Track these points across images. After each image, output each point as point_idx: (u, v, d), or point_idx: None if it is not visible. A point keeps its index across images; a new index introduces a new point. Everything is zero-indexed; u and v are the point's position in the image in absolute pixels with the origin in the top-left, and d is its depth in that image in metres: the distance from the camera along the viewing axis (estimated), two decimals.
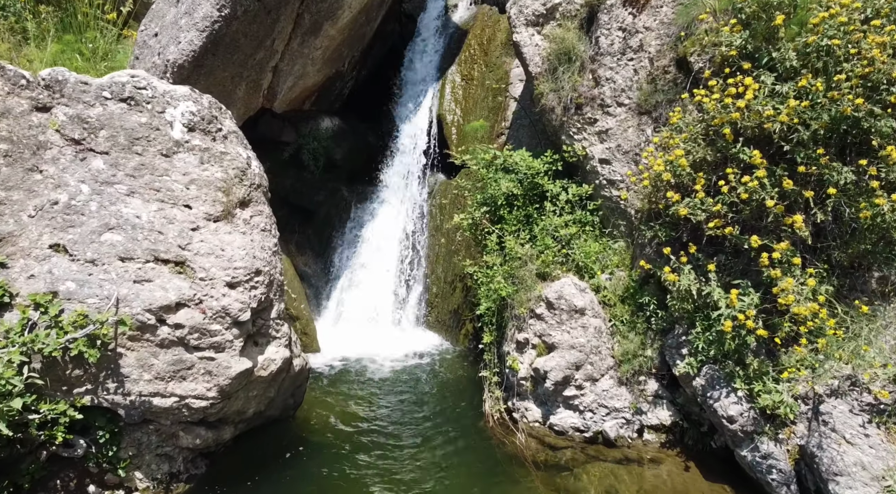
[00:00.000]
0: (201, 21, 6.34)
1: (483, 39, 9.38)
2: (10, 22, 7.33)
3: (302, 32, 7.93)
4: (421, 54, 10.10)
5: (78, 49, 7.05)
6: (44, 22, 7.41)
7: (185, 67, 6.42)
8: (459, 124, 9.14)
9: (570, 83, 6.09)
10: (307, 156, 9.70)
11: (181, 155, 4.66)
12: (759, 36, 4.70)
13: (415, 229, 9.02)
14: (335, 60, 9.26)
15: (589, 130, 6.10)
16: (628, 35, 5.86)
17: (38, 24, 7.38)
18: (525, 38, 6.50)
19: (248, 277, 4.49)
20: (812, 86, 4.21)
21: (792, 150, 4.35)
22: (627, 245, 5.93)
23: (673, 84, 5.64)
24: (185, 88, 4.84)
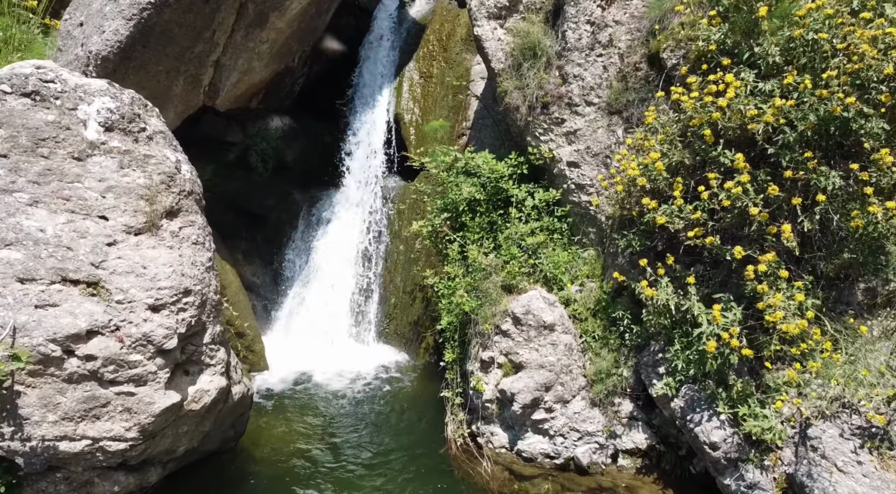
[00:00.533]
0: (128, 8, 5.69)
1: (442, 35, 8.91)
2: None
3: (246, 24, 7.32)
4: (377, 50, 9.57)
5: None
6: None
7: (110, 60, 5.76)
8: (418, 124, 8.66)
9: (536, 80, 5.67)
10: (255, 158, 9.06)
11: (97, 158, 4.05)
12: (739, 30, 4.37)
13: (371, 236, 8.50)
14: (284, 55, 8.65)
15: (556, 130, 5.70)
16: (597, 29, 5.48)
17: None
18: (487, 32, 6.06)
19: (174, 298, 3.91)
20: (799, 83, 3.88)
21: (777, 153, 4.02)
22: (598, 254, 5.56)
23: (645, 82, 5.29)
24: (102, 82, 4.23)
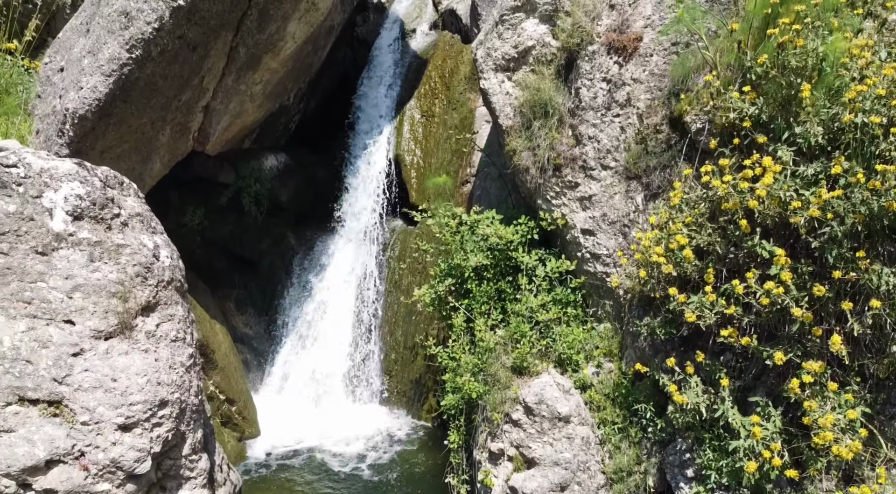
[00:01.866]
0: (107, 64, 5.27)
1: (444, 71, 8.51)
2: None
3: (237, 68, 6.91)
4: (377, 85, 9.17)
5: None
6: None
7: (87, 119, 5.34)
8: (419, 167, 8.24)
9: (547, 141, 5.26)
10: (248, 200, 8.64)
11: (63, 252, 3.63)
12: (776, 102, 3.95)
13: (370, 285, 8.07)
14: (279, 94, 8.25)
15: (569, 194, 5.28)
16: (614, 87, 5.07)
17: None
18: (494, 85, 5.65)
19: (148, 413, 3.48)
20: (848, 174, 3.47)
21: (821, 247, 3.60)
22: (615, 330, 5.13)
23: (666, 146, 4.87)
24: (71, 165, 3.80)
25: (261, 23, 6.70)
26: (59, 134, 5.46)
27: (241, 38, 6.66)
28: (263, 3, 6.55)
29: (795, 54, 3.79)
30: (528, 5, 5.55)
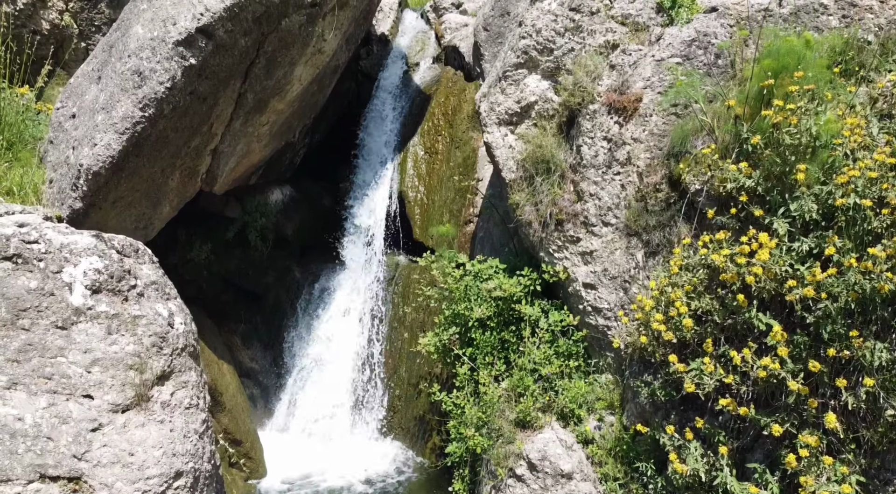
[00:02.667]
0: (121, 122, 5.40)
1: (448, 109, 8.65)
2: None
3: (245, 112, 7.05)
4: (381, 120, 9.31)
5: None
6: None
7: (101, 175, 5.47)
8: (423, 203, 8.37)
9: (550, 196, 5.39)
10: (254, 235, 8.76)
11: (82, 326, 3.75)
12: (772, 177, 4.08)
13: (374, 321, 8.19)
14: (284, 133, 8.39)
15: (571, 248, 5.40)
16: (614, 146, 5.20)
17: None
18: (497, 138, 5.78)
19: (164, 486, 3.60)
20: (842, 254, 3.59)
21: (816, 322, 3.72)
22: (617, 382, 5.24)
23: (665, 204, 5.00)
24: (89, 238, 3.93)
25: (268, 69, 6.84)
26: (73, 188, 5.59)
27: (249, 84, 6.80)
28: (271, 51, 6.69)
29: (789, 132, 3.92)
30: (531, 62, 5.68)
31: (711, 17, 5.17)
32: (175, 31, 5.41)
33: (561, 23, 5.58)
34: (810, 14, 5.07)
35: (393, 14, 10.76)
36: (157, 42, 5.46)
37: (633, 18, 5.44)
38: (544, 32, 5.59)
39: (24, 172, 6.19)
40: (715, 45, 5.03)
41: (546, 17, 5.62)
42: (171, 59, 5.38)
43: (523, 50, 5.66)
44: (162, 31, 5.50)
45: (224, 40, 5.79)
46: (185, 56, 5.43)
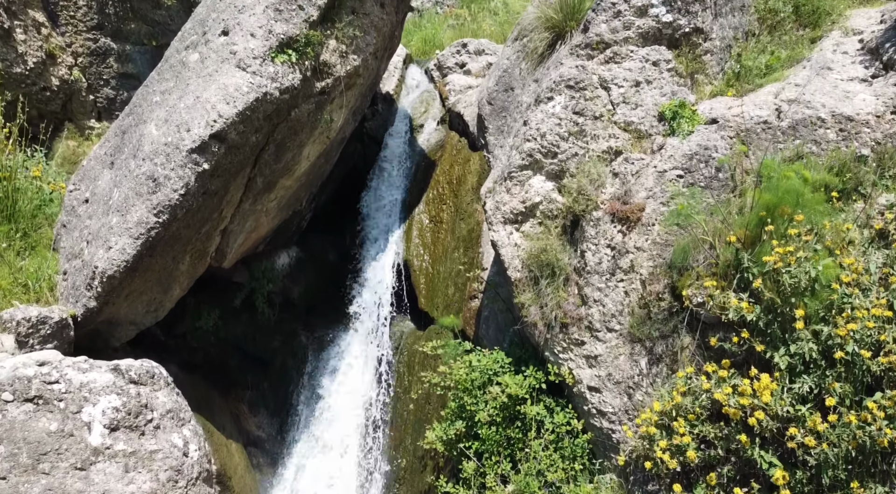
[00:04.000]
0: (135, 227, 5.53)
1: (452, 177, 8.78)
2: None
3: (254, 194, 7.18)
4: (387, 185, 9.45)
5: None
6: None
7: (115, 278, 5.59)
8: (428, 273, 8.48)
9: (555, 300, 5.50)
10: (261, 301, 8.88)
11: (101, 466, 3.86)
12: (773, 311, 4.18)
13: (380, 390, 8.28)
14: (292, 203, 8.52)
15: (576, 350, 5.51)
16: (618, 254, 5.31)
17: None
18: (503, 237, 5.90)
19: None
20: (841, 404, 3.69)
21: (817, 466, 3.81)
22: (620, 485, 5.33)
23: (668, 314, 5.10)
24: (108, 374, 4.05)
25: (278, 155, 6.98)
26: (88, 287, 5.70)
27: (259, 169, 6.93)
28: (280, 138, 6.83)
29: (790, 273, 4.03)
30: (536, 165, 5.81)
31: (712, 129, 5.29)
32: (189, 139, 5.55)
33: (565, 126, 5.71)
34: (808, 128, 5.19)
35: (398, 72, 10.92)
36: (171, 148, 5.59)
37: (635, 126, 5.57)
38: (549, 137, 5.72)
39: (40, 264, 6.31)
40: (715, 159, 5.15)
41: (550, 121, 5.75)
42: (185, 166, 5.51)
43: (528, 153, 5.79)
44: (176, 137, 5.63)
45: (236, 141, 5.93)
46: (198, 162, 5.57)
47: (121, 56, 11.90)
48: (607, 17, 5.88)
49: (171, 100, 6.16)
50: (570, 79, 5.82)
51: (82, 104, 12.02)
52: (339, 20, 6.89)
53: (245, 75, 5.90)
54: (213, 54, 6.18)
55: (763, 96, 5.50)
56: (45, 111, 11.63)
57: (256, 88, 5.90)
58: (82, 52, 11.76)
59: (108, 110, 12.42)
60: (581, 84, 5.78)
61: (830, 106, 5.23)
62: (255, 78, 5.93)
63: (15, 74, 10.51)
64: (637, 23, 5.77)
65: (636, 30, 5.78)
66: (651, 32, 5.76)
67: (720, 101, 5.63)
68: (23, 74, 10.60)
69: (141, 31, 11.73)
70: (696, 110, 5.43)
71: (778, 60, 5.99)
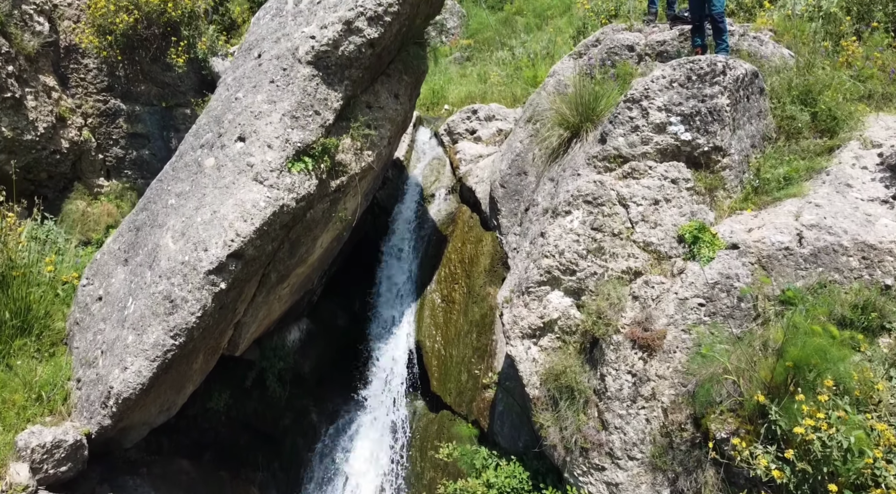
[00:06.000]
0: (151, 349, 5.50)
1: (464, 256, 8.76)
2: None
3: (268, 288, 7.15)
4: (398, 260, 9.43)
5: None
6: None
7: (131, 399, 5.55)
8: (441, 356, 8.44)
9: (575, 424, 5.45)
10: (272, 379, 8.83)
11: None
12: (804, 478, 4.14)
13: (392, 476, 8.21)
14: (304, 285, 8.50)
15: (596, 476, 5.45)
16: (639, 382, 5.27)
17: None
18: (521, 352, 5.86)
19: None
20: None
21: None
22: None
23: (691, 444, 5.06)
24: None
25: (292, 251, 6.96)
26: (103, 406, 5.67)
27: (273, 266, 6.91)
28: (295, 237, 6.81)
29: (822, 439, 3.98)
30: (554, 281, 5.78)
31: (733, 255, 5.26)
32: (206, 260, 5.52)
33: (583, 243, 5.69)
34: (830, 255, 5.17)
35: (408, 138, 10.92)
36: (188, 268, 5.57)
37: (654, 247, 5.54)
38: (567, 254, 5.69)
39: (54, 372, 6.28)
40: (737, 289, 5.12)
41: (569, 238, 5.73)
42: (203, 288, 5.49)
43: (546, 269, 5.77)
44: (193, 256, 5.61)
45: (253, 255, 5.91)
46: (215, 283, 5.54)
47: (130, 116, 11.93)
48: (625, 131, 5.87)
49: (188, 208, 6.15)
50: (588, 194, 5.80)
51: (91, 163, 12.03)
52: (353, 119, 6.90)
53: (262, 189, 5.89)
54: (229, 163, 6.18)
55: (783, 217, 5.47)
56: (55, 172, 11.65)
57: (273, 202, 5.89)
58: (92, 112, 11.79)
59: (117, 169, 12.45)
60: (599, 200, 5.77)
61: (852, 232, 5.21)
62: (272, 191, 5.92)
63: (26, 141, 10.53)
64: (655, 139, 5.76)
65: (654, 146, 5.77)
66: (669, 149, 5.75)
67: (740, 219, 5.60)
68: (33, 141, 10.61)
69: (151, 92, 11.75)
70: (717, 234, 5.40)
71: (796, 172, 5.97)
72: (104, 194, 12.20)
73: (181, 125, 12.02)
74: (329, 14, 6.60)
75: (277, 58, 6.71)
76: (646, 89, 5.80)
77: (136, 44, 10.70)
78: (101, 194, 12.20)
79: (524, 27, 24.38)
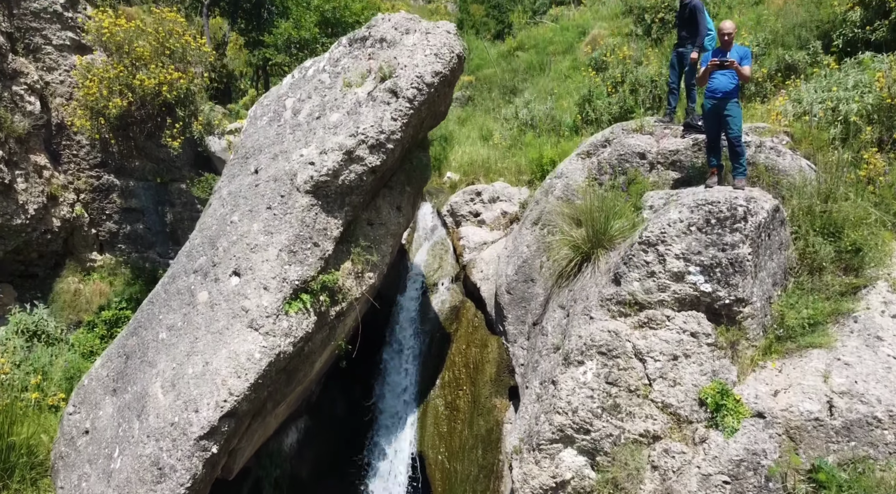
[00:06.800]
0: None
1: (468, 359, 8.42)
2: None
3: (263, 415, 6.81)
4: (399, 358, 9.09)
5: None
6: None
7: None
8: (445, 469, 8.08)
9: None
10: (268, 489, 8.46)
11: None
12: None
13: None
14: (302, 397, 8.16)
15: None
16: None
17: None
18: None
19: None
20: None
21: None
22: None
23: None
24: None
25: (289, 380, 6.63)
26: None
27: (269, 395, 6.57)
28: (293, 367, 6.48)
29: None
30: (567, 439, 5.45)
31: (759, 426, 4.93)
32: (197, 425, 5.20)
33: (598, 399, 5.36)
34: (864, 428, 4.84)
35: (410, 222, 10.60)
36: (178, 432, 5.23)
37: (674, 408, 5.21)
38: (581, 412, 5.36)
39: None
40: (765, 467, 4.79)
41: (582, 393, 5.40)
42: (193, 456, 5.15)
43: (558, 427, 5.43)
44: (183, 417, 5.28)
45: (247, 409, 5.59)
46: (206, 448, 5.21)
47: (124, 191, 11.60)
48: (640, 276, 5.56)
49: (179, 352, 5.83)
50: (603, 345, 5.48)
51: (84, 238, 11.69)
52: (354, 242, 6.60)
53: (258, 338, 5.57)
54: (223, 302, 5.86)
55: (811, 378, 5.13)
56: (46, 251, 11.31)
57: (269, 352, 5.57)
58: (85, 188, 11.47)
59: (110, 243, 12.12)
60: (614, 352, 5.44)
61: (886, 401, 4.87)
62: (268, 339, 5.60)
63: (15, 225, 10.19)
64: (673, 287, 5.44)
65: (672, 294, 5.45)
66: (688, 299, 5.43)
67: (764, 377, 5.26)
68: (23, 224, 10.26)
69: (145, 167, 11.43)
70: (740, 399, 5.07)
71: (822, 314, 5.65)
72: (97, 268, 11.84)
73: (176, 200, 11.72)
74: (329, 136, 6.32)
75: (275, 180, 6.42)
76: (662, 233, 5.49)
77: (130, 123, 10.40)
78: (94, 268, 11.84)
79: (526, 66, 24.20)
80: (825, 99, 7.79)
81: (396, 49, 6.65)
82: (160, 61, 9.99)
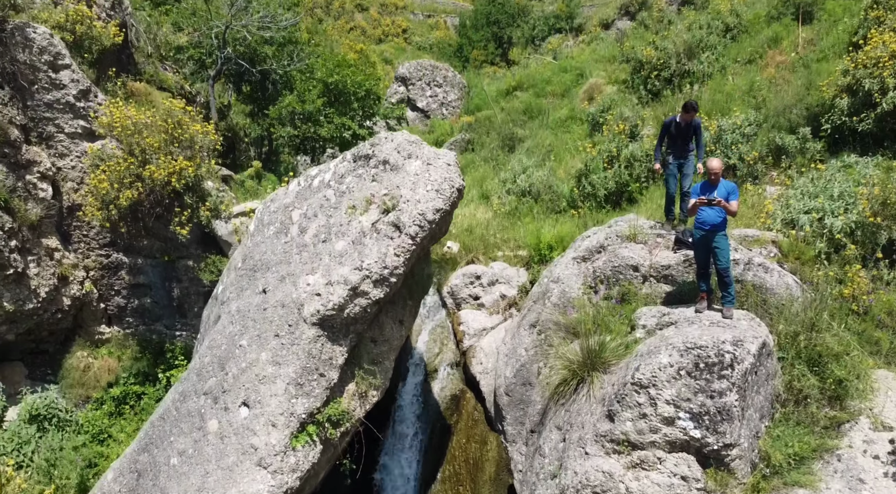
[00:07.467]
0: None
1: (469, 457, 8.66)
2: None
3: None
4: (401, 448, 9.31)
5: None
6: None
7: None
8: None
9: None
10: None
11: None
12: None
13: None
14: None
15: None
16: None
17: None
18: None
19: None
20: None
21: None
22: None
23: None
24: None
25: None
26: None
27: None
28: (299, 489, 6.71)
29: None
30: None
31: None
32: None
33: None
34: None
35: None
36: None
37: None
38: None
39: None
40: None
41: None
42: None
43: None
44: None
45: None
46: None
47: (132, 269, 11.90)
48: (633, 416, 5.82)
49: (191, 484, 6.07)
50: (598, 485, 5.73)
51: (93, 313, 11.96)
52: (358, 364, 6.86)
53: (266, 477, 5.82)
54: (233, 436, 6.12)
55: None
56: (56, 329, 11.59)
57: (277, 490, 5.82)
58: (94, 266, 11.77)
59: (118, 317, 12.41)
60: (609, 493, 5.69)
61: None
62: (276, 477, 5.85)
63: (27, 310, 10.46)
64: (664, 430, 5.70)
65: (663, 436, 5.71)
66: (679, 442, 5.68)
67: None
68: (35, 308, 10.54)
69: (154, 246, 11.73)
70: None
71: (807, 448, 5.90)
72: (105, 341, 12.11)
73: (183, 276, 12.00)
74: (335, 265, 6.59)
75: (283, 306, 6.69)
76: (653, 377, 5.76)
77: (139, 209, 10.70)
78: (102, 341, 12.12)
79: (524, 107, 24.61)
80: (811, 209, 8.09)
81: (399, 176, 6.94)
82: (169, 150, 10.31)
